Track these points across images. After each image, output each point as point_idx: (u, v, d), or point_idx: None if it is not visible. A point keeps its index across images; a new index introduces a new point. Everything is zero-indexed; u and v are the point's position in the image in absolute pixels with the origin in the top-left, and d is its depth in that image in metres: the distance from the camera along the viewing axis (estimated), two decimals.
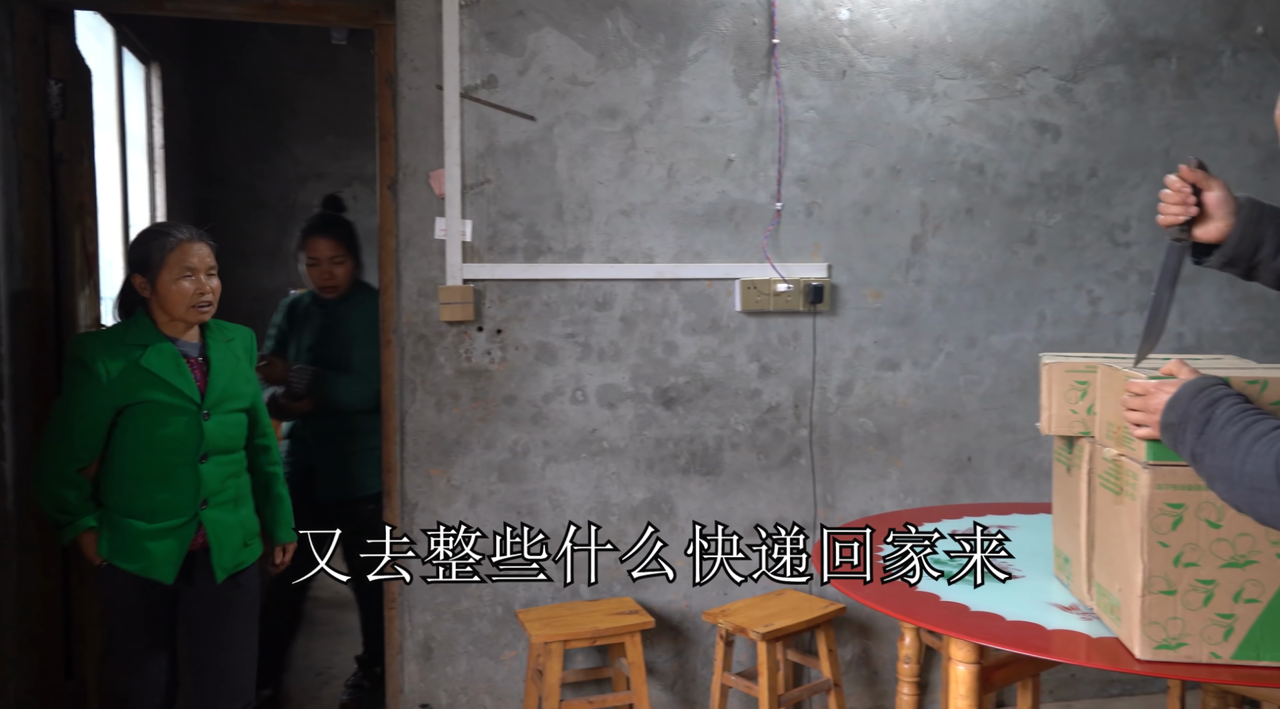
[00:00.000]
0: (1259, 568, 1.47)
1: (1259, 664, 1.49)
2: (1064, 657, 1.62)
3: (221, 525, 2.29)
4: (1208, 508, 1.48)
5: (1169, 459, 1.47)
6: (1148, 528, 1.50)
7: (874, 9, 3.00)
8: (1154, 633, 1.51)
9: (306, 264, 3.08)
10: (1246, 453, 1.19)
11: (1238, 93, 3.21)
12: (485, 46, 2.78)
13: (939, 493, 3.15)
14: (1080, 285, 3.19)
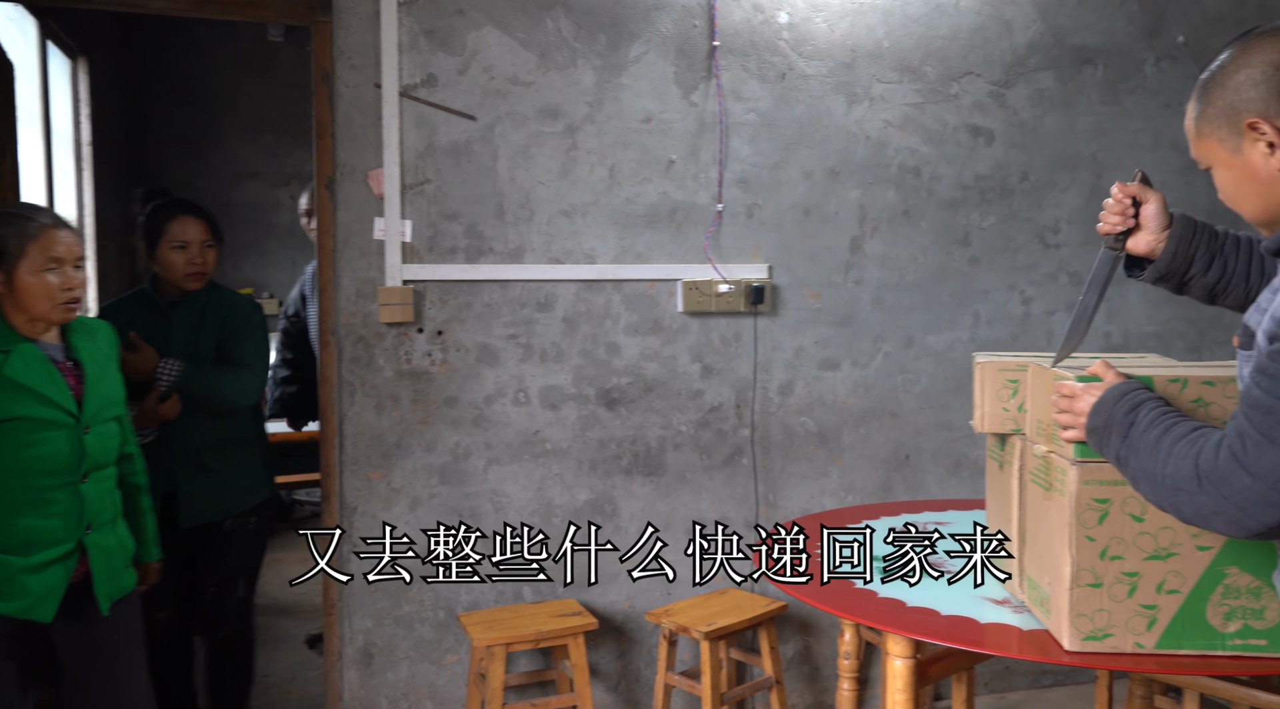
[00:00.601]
0: (1179, 560, 1.52)
1: (1180, 653, 1.54)
2: (997, 650, 1.66)
3: (105, 550, 2.02)
4: (1132, 503, 1.52)
5: (1096, 456, 1.51)
6: (1075, 523, 1.54)
7: (813, 13, 3.03)
8: (1082, 624, 1.55)
9: (171, 247, 2.62)
10: (1168, 455, 1.22)
11: (1160, 99, 3.32)
12: (425, 45, 2.75)
13: (878, 490, 3.20)
14: (1013, 286, 3.27)
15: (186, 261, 2.65)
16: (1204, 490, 1.16)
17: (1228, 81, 1.23)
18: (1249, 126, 1.21)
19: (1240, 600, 1.51)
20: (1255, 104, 1.19)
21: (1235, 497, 1.13)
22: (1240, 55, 1.23)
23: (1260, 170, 1.21)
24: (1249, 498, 1.12)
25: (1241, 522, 1.14)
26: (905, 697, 1.81)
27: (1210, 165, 1.30)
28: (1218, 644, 1.52)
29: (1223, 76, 1.24)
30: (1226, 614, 1.52)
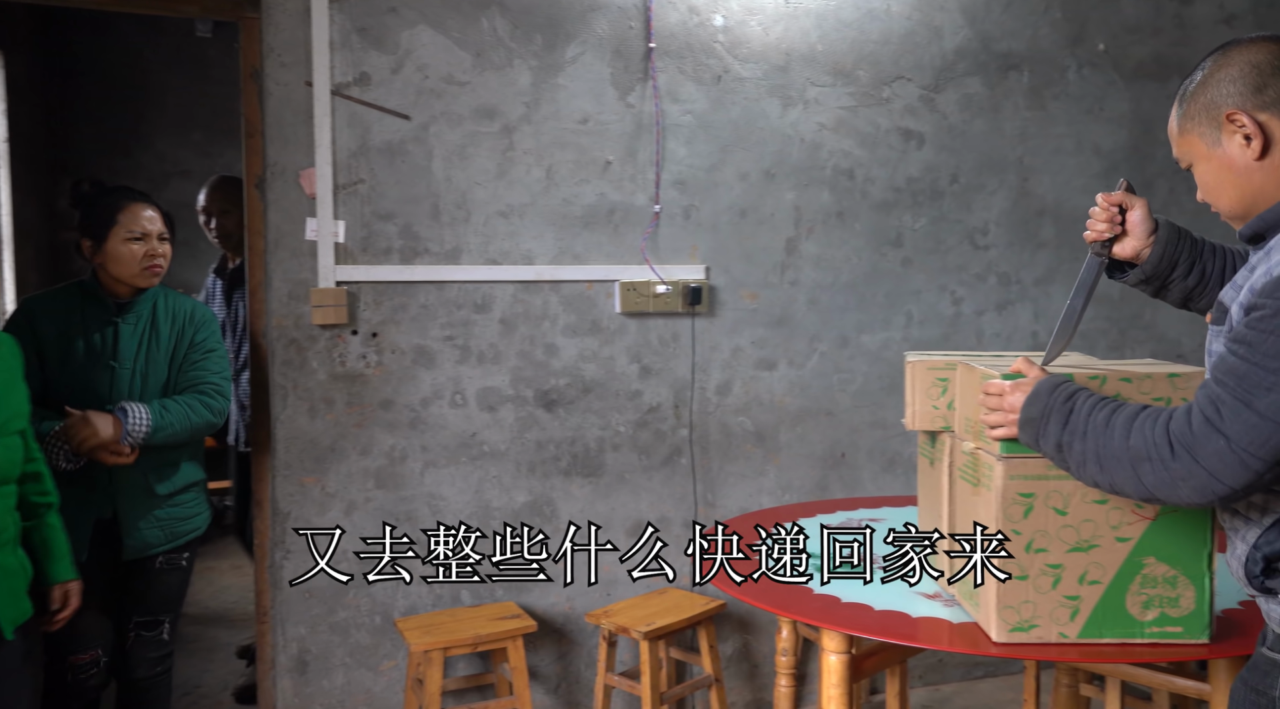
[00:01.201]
0: (1100, 551, 1.56)
1: (1102, 641, 1.59)
2: (928, 643, 1.69)
3: (7, 571, 1.89)
4: (1055, 497, 1.57)
5: (1021, 452, 1.55)
6: (1001, 517, 1.58)
7: (747, 16, 3.06)
8: (1008, 616, 1.59)
9: (125, 239, 2.34)
10: (1127, 430, 1.27)
11: (1083, 105, 3.42)
12: (357, 43, 2.71)
13: (815, 488, 3.24)
14: (944, 286, 3.34)
15: (145, 254, 2.35)
16: (1177, 457, 1.21)
17: (1209, 81, 1.30)
18: (1227, 118, 1.27)
19: (1157, 590, 1.56)
20: (1233, 98, 1.26)
21: (1209, 460, 1.18)
22: (1221, 59, 1.30)
23: (1237, 161, 1.28)
24: (1222, 461, 1.17)
25: (1210, 486, 1.19)
26: (840, 691, 1.84)
27: (1191, 162, 1.36)
28: (1136, 632, 1.57)
29: (1204, 78, 1.31)
30: (1145, 603, 1.57)
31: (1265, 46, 1.26)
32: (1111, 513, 1.56)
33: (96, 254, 2.35)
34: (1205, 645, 1.57)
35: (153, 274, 2.38)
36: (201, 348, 2.46)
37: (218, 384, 2.45)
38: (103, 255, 2.35)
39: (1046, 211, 3.41)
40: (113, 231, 2.34)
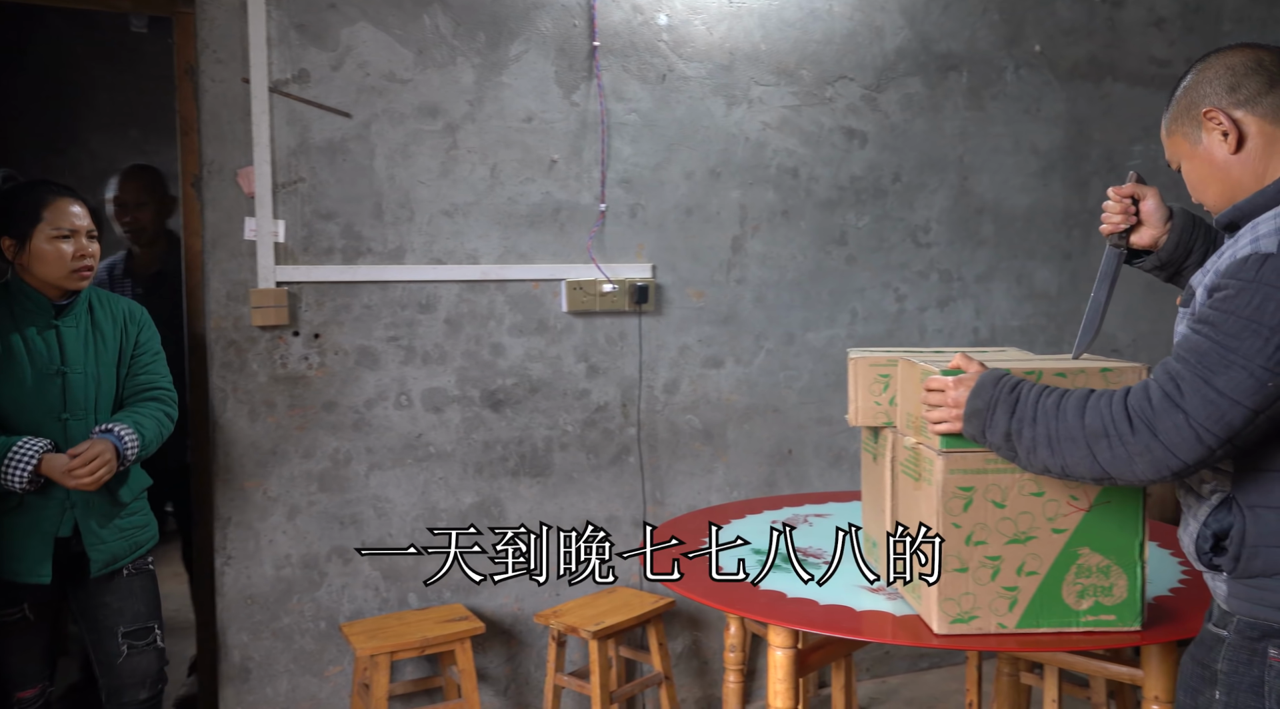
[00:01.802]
0: (1037, 543, 1.60)
1: (1039, 631, 1.62)
2: (872, 636, 1.71)
3: None
4: (994, 490, 1.60)
5: (961, 447, 1.58)
6: (942, 511, 1.60)
7: (691, 15, 3.07)
8: (949, 608, 1.62)
9: (51, 236, 2.17)
10: (1080, 410, 1.31)
11: (1020, 105, 3.48)
12: (295, 39, 2.66)
13: (763, 485, 3.27)
14: (888, 284, 3.38)
15: (74, 254, 2.18)
16: (1136, 431, 1.25)
17: (1191, 85, 1.39)
18: (1205, 116, 1.35)
19: (1092, 579, 1.60)
20: (1210, 98, 1.35)
21: (1167, 434, 1.22)
22: (1202, 65, 1.38)
23: (1216, 156, 1.35)
24: (1180, 435, 1.22)
25: (1165, 461, 1.23)
26: (786, 686, 1.85)
27: (1179, 162, 1.43)
28: (1072, 621, 1.61)
29: (1188, 84, 1.39)
30: (1080, 592, 1.60)
31: (1241, 51, 1.35)
32: (1048, 505, 1.59)
33: (19, 254, 2.17)
34: (1138, 632, 1.61)
35: (82, 276, 2.20)
36: (148, 349, 2.34)
37: (170, 389, 2.35)
38: (26, 255, 2.16)
39: (986, 210, 3.48)
40: (37, 229, 2.15)
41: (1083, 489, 1.58)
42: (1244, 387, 1.19)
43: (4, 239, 2.18)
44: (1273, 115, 1.31)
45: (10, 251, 2.18)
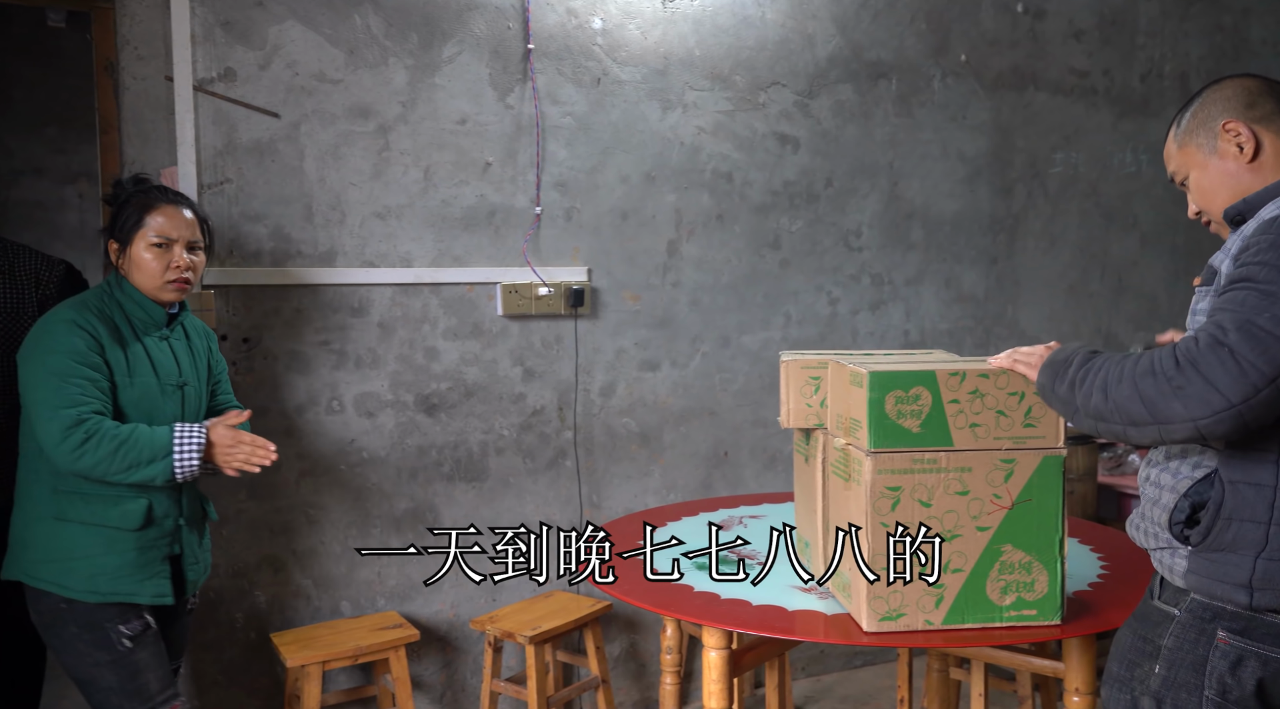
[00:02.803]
0: (962, 541, 1.64)
1: (964, 627, 1.66)
2: (804, 635, 1.74)
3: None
4: (920, 489, 1.63)
5: (889, 446, 1.61)
6: (871, 510, 1.63)
7: (625, 19, 3.08)
8: (878, 606, 1.65)
9: (150, 244, 2.03)
10: (1136, 360, 1.35)
11: (947, 113, 3.57)
12: (221, 37, 2.61)
13: (699, 487, 3.29)
14: (820, 287, 3.43)
15: (168, 264, 2.05)
16: (1181, 368, 1.27)
17: (1205, 102, 1.51)
18: (1224, 128, 1.46)
19: (1014, 575, 1.65)
20: (1228, 112, 1.47)
21: (1210, 369, 1.25)
22: (1215, 87, 1.51)
23: (1231, 165, 1.47)
24: (1225, 369, 1.24)
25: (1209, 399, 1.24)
26: (720, 687, 1.87)
27: (1187, 173, 1.53)
28: (996, 616, 1.65)
29: (1202, 101, 1.52)
30: (1003, 588, 1.65)
31: (1251, 78, 1.50)
32: (972, 504, 1.63)
33: (121, 258, 2.05)
34: (1058, 626, 1.66)
35: (176, 288, 2.06)
36: (223, 369, 2.28)
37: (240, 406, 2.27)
38: (127, 261, 2.05)
39: (915, 214, 3.55)
40: (138, 235, 2.03)
41: (1005, 488, 1.63)
42: None
43: (111, 242, 2.07)
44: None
45: (115, 256, 2.07)
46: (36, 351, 1.93)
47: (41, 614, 1.98)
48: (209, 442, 1.99)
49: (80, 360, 1.92)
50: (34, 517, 1.97)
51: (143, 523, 1.98)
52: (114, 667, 1.95)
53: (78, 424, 1.88)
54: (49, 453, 1.89)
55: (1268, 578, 1.29)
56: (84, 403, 1.90)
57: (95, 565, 1.94)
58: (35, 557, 1.96)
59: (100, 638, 1.95)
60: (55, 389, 1.89)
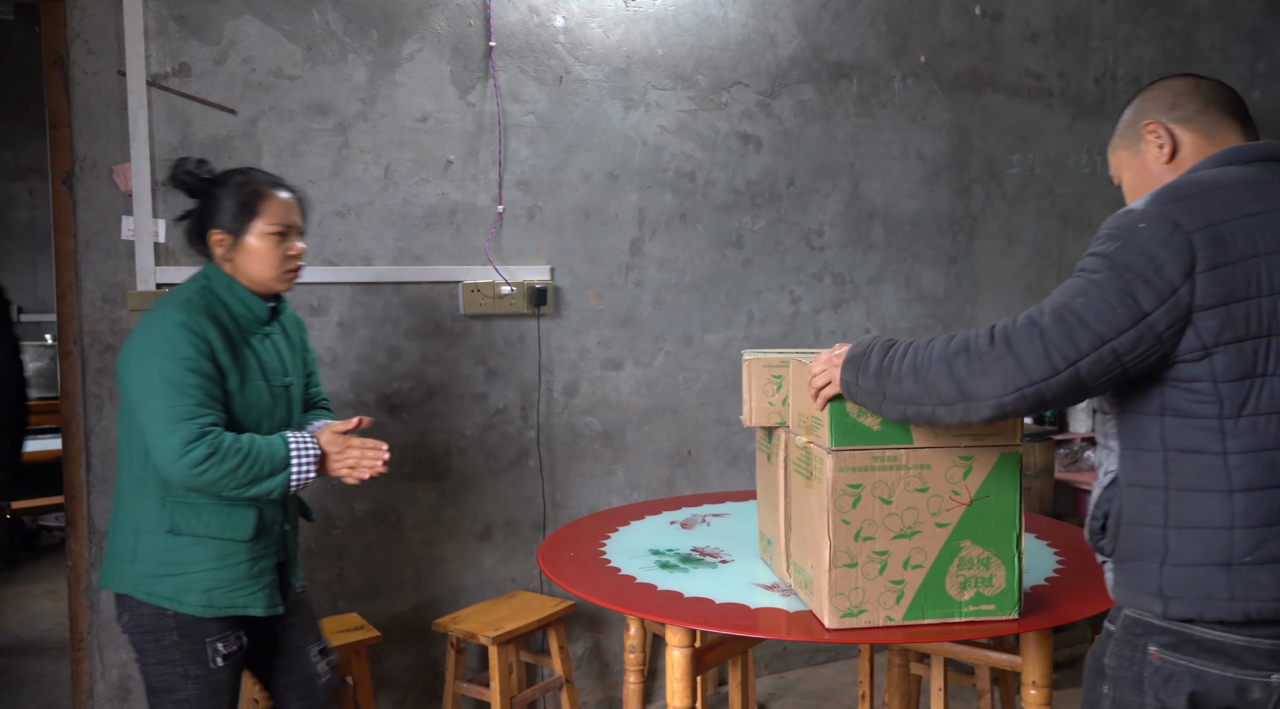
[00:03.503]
0: (922, 537, 1.65)
1: (925, 622, 1.67)
2: (767, 633, 1.74)
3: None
4: (881, 487, 1.65)
5: (849, 444, 1.62)
6: (832, 508, 1.64)
7: (588, 18, 3.08)
8: (840, 603, 1.66)
9: (265, 233, 1.92)
10: (945, 343, 1.37)
11: (907, 113, 3.60)
12: (175, 32, 2.56)
13: (663, 486, 3.29)
14: (783, 286, 3.45)
15: (287, 253, 1.95)
16: (994, 345, 1.30)
17: (1136, 104, 1.49)
18: (1145, 128, 1.45)
19: (973, 571, 1.66)
20: (1150, 113, 1.46)
21: (1020, 347, 1.28)
22: (1147, 89, 1.49)
23: (1152, 166, 1.45)
24: (1031, 349, 1.27)
25: (1014, 377, 1.28)
26: (684, 685, 1.87)
27: (1121, 175, 1.51)
28: (955, 612, 1.67)
29: (1134, 104, 1.50)
30: (962, 584, 1.67)
31: (1181, 79, 1.47)
32: (932, 500, 1.65)
33: (232, 249, 1.92)
34: (1015, 621, 1.68)
35: (291, 278, 1.97)
36: (312, 355, 2.20)
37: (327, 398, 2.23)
38: (239, 251, 1.92)
39: (876, 214, 3.58)
40: (252, 224, 1.91)
41: (963, 484, 1.65)
42: (1094, 310, 1.25)
43: (213, 232, 1.92)
44: (1204, 132, 1.41)
45: (222, 247, 1.93)
46: (150, 356, 1.79)
47: (142, 622, 1.88)
48: (321, 449, 1.91)
49: (194, 368, 1.80)
50: (144, 528, 1.86)
51: (254, 532, 1.89)
52: (200, 682, 1.88)
53: (199, 438, 1.76)
54: (164, 468, 1.78)
55: (1176, 585, 1.27)
56: (202, 415, 1.79)
57: (210, 579, 1.85)
58: (148, 571, 1.85)
59: (197, 651, 1.87)
60: (172, 401, 1.77)
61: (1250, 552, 1.23)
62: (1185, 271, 1.23)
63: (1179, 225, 1.24)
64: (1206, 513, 1.26)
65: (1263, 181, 1.31)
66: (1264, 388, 1.24)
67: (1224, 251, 1.23)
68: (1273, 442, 1.24)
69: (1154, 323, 1.24)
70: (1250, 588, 1.23)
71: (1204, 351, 1.24)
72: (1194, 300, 1.23)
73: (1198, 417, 1.26)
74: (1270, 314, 1.24)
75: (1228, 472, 1.25)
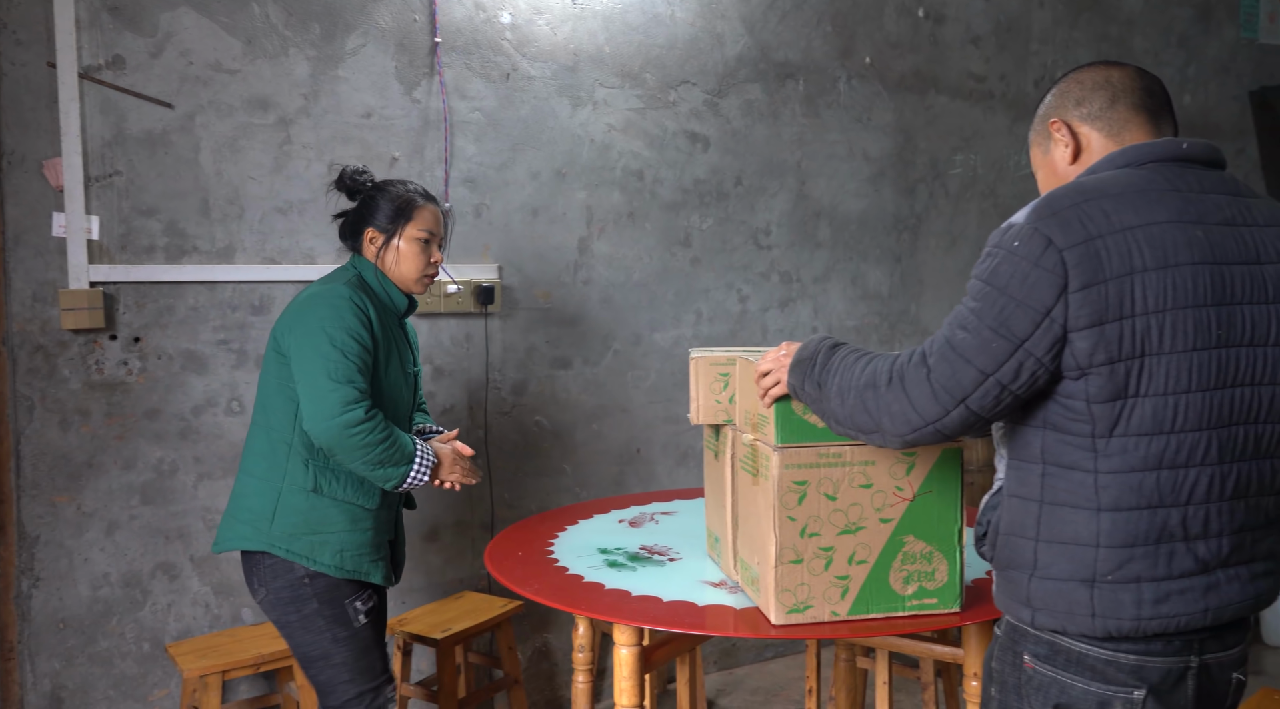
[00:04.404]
0: (866, 533, 1.67)
1: (869, 617, 1.69)
2: (715, 630, 1.75)
3: None
4: (826, 483, 1.66)
5: (795, 442, 1.63)
6: (778, 505, 1.65)
7: (535, 15, 3.06)
8: (786, 599, 1.67)
9: (413, 237, 2.10)
10: (864, 368, 1.37)
11: (852, 114, 3.64)
12: (109, 23, 2.49)
13: (611, 484, 3.29)
14: (731, 285, 3.47)
15: (425, 260, 2.13)
16: (891, 385, 1.31)
17: (1049, 98, 1.43)
18: (1051, 127, 1.39)
19: (916, 565, 1.69)
20: (1057, 110, 1.40)
21: (913, 388, 1.28)
22: (1063, 80, 1.42)
23: (1058, 166, 1.40)
24: (920, 391, 1.28)
25: (907, 416, 1.29)
26: (632, 683, 1.87)
27: (1036, 171, 1.47)
28: (899, 606, 1.69)
29: (1048, 97, 1.43)
30: (905, 578, 1.69)
31: (1094, 69, 1.38)
32: (876, 496, 1.67)
33: (382, 247, 2.11)
34: (957, 614, 1.71)
35: (428, 283, 2.16)
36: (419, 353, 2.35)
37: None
38: (388, 251, 2.11)
39: (823, 213, 3.62)
40: (406, 227, 2.10)
41: (907, 480, 1.67)
42: (973, 345, 1.23)
43: (369, 230, 2.12)
44: (1109, 130, 1.34)
45: (375, 244, 2.12)
46: (320, 322, 1.94)
47: (281, 589, 1.99)
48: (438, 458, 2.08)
49: (357, 338, 1.96)
50: (286, 489, 1.99)
51: (379, 503, 2.04)
52: (349, 642, 2.00)
53: (358, 402, 1.91)
54: (317, 423, 1.89)
55: (1042, 598, 1.26)
56: (360, 381, 1.94)
57: (344, 541, 1.99)
58: (288, 530, 1.97)
59: (339, 613, 2.00)
60: (337, 362, 1.92)
61: (1112, 571, 1.22)
62: (1058, 291, 1.18)
63: (1051, 242, 1.19)
64: (1074, 529, 1.24)
65: (1150, 189, 1.23)
66: (1135, 410, 1.20)
67: (1097, 269, 1.18)
68: (1141, 463, 1.21)
69: (1031, 348, 1.20)
70: (1111, 606, 1.22)
71: (1079, 372, 1.20)
72: (1068, 321, 1.19)
73: (1073, 433, 1.23)
74: (1144, 334, 1.18)
75: (1097, 490, 1.22)
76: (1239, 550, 1.26)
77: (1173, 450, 1.21)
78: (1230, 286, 1.21)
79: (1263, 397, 1.23)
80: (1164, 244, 1.19)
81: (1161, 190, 1.24)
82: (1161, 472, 1.21)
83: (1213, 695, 1.29)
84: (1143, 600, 1.22)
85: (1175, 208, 1.22)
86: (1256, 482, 1.26)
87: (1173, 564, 1.23)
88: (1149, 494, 1.21)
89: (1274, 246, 1.25)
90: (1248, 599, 1.27)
